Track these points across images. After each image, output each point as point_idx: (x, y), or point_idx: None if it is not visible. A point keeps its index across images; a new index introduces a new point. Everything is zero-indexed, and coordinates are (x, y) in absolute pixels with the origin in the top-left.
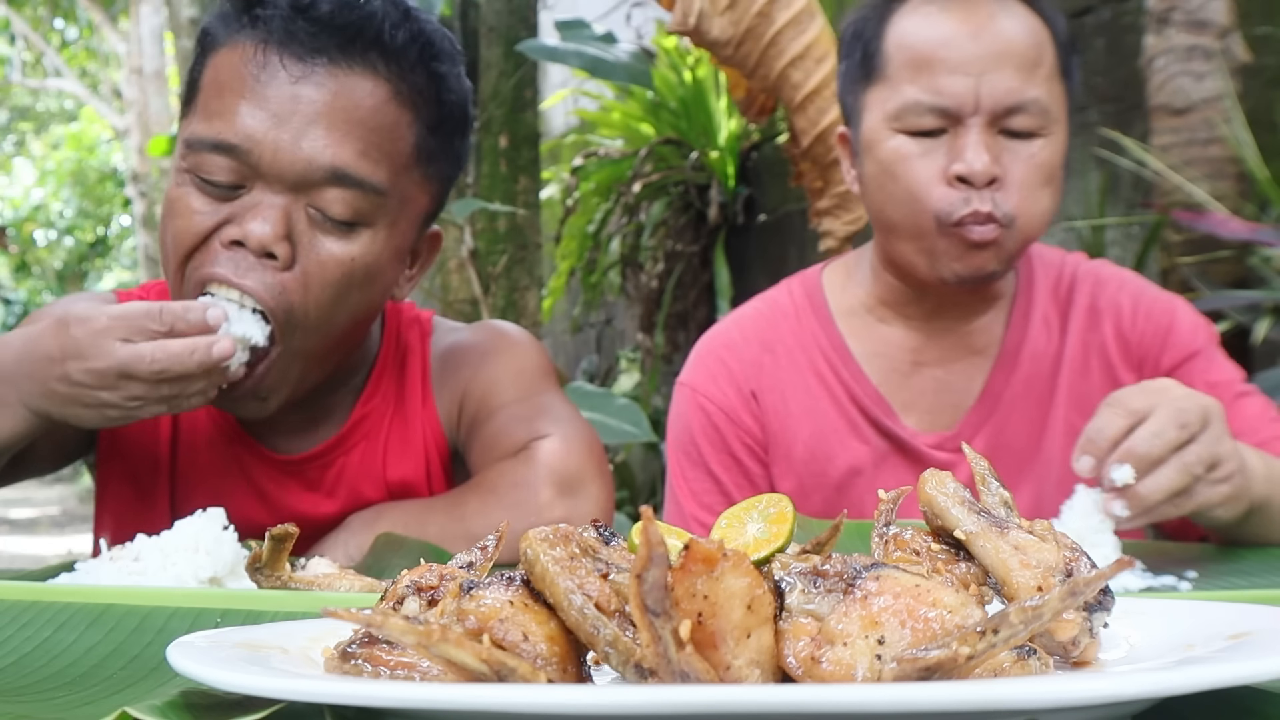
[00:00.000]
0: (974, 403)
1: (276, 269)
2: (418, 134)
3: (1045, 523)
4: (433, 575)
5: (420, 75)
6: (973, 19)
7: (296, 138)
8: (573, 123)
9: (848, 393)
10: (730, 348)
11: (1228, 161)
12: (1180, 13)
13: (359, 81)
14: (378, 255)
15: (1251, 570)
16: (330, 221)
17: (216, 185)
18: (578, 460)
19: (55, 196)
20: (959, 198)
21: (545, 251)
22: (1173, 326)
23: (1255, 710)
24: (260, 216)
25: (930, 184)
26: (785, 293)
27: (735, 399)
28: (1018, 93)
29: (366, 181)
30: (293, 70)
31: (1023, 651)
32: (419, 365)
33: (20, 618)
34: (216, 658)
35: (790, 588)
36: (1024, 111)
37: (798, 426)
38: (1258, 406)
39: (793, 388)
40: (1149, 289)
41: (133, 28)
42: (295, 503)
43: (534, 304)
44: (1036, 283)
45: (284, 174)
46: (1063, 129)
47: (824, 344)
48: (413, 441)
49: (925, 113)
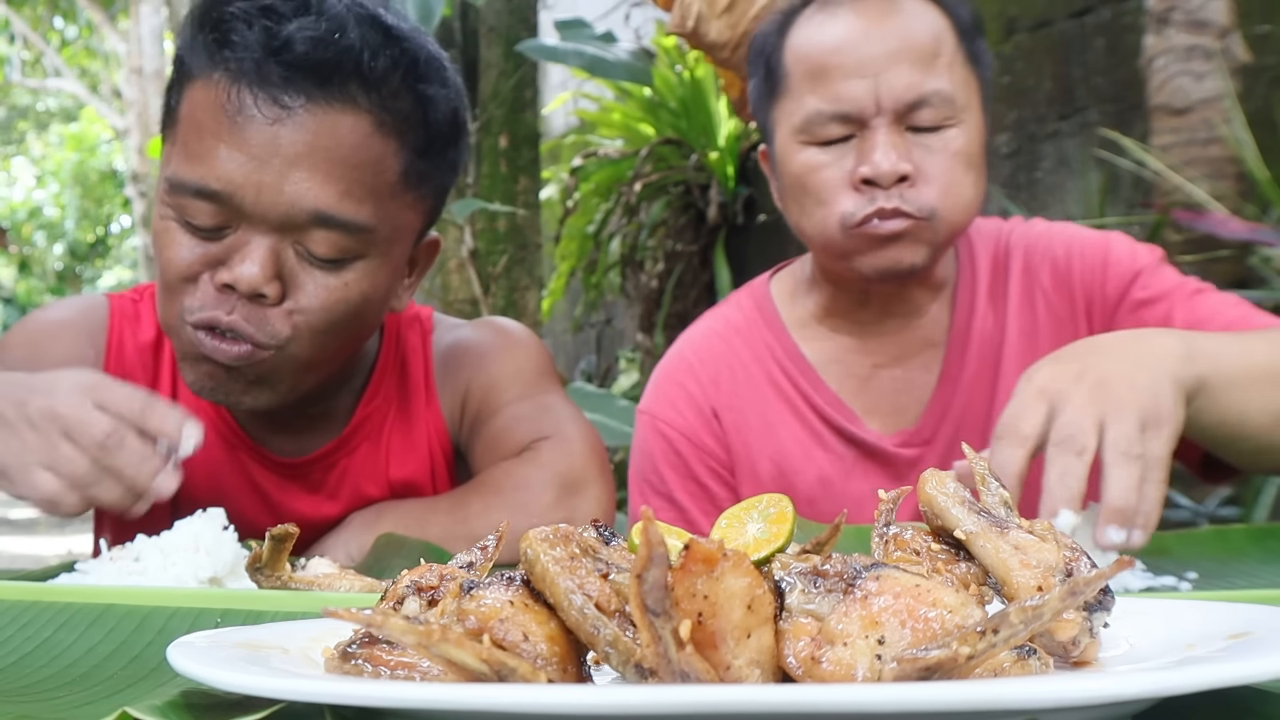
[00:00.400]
0: (932, 394)
1: (267, 305)
2: (405, 161)
3: (1045, 523)
4: (433, 575)
5: (405, 100)
6: (864, 20)
7: (278, 181)
8: (573, 123)
9: (808, 403)
10: (687, 370)
11: (1228, 161)
12: (1180, 13)
13: (339, 118)
14: (371, 283)
15: (1252, 570)
16: (317, 259)
17: (201, 228)
18: (581, 461)
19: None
20: (864, 199)
21: (545, 251)
22: (1108, 258)
23: (1255, 710)
24: (249, 259)
25: (838, 191)
26: (735, 307)
27: (696, 421)
28: (918, 86)
29: (351, 222)
30: (268, 112)
31: (1023, 651)
32: (421, 364)
33: (21, 618)
34: (217, 658)
35: (790, 588)
36: (927, 104)
37: (761, 443)
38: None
39: (752, 404)
40: (1081, 233)
41: (132, 27)
42: (297, 505)
43: (534, 304)
44: (978, 261)
45: (267, 216)
46: (975, 115)
47: (780, 355)
48: (416, 441)
49: (828, 121)
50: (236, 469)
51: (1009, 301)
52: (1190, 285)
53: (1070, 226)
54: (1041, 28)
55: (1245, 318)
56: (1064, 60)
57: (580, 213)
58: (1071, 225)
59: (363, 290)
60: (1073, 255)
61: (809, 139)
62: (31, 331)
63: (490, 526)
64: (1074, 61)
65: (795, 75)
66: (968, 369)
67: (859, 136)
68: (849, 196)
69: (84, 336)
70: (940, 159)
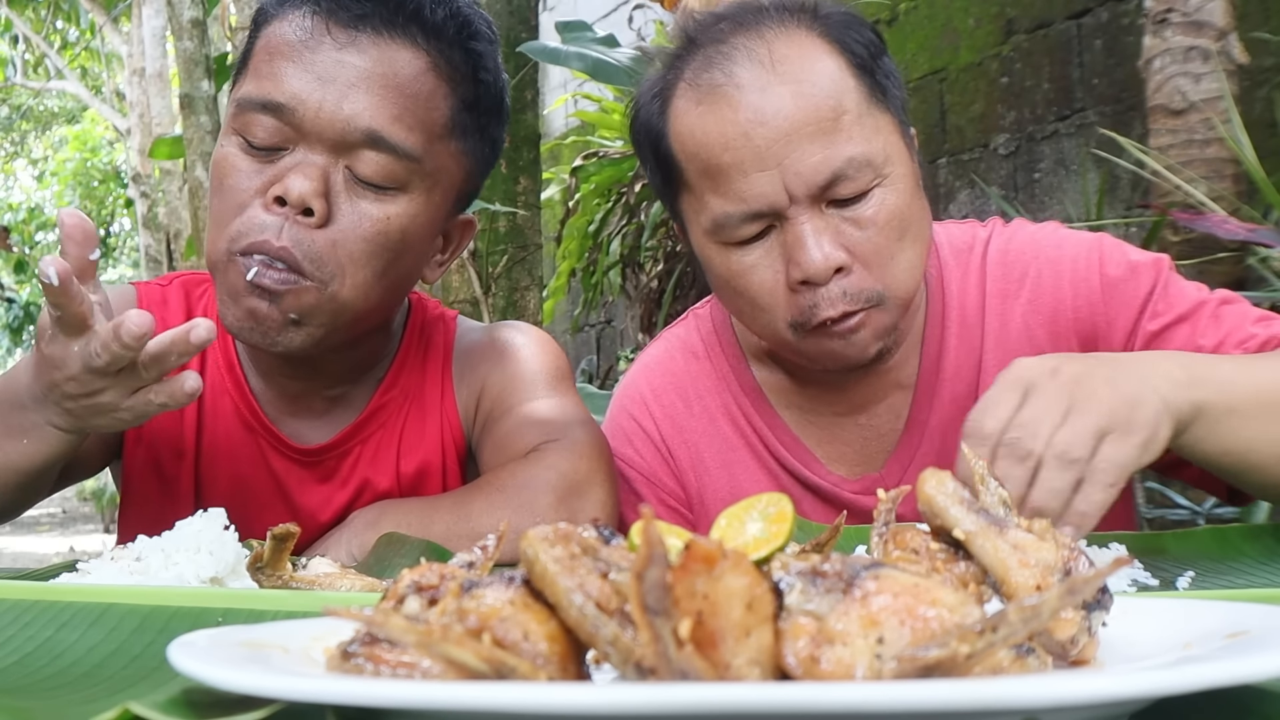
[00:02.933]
0: (899, 441)
1: (312, 226)
2: (453, 107)
3: (1044, 522)
4: (433, 575)
5: (458, 52)
6: (748, 99)
7: (339, 99)
8: (573, 123)
9: (764, 444)
10: (641, 403)
11: (1226, 162)
12: (1178, 14)
13: (399, 51)
14: (411, 221)
15: (1250, 570)
16: (365, 184)
17: (260, 148)
18: (586, 465)
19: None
20: (806, 304)
21: (546, 252)
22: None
23: (1253, 709)
24: (301, 174)
25: (775, 295)
26: (693, 330)
27: (652, 458)
28: (827, 164)
29: (400, 146)
30: (338, 37)
31: (1021, 650)
32: (440, 359)
33: (22, 617)
34: (218, 657)
35: (790, 587)
36: (844, 177)
37: (717, 482)
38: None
39: (707, 439)
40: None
41: (134, 29)
42: (310, 495)
43: (534, 304)
44: (948, 289)
45: (324, 134)
46: (902, 162)
47: (735, 389)
48: (429, 434)
49: (740, 224)
50: (255, 455)
51: (985, 332)
52: (1212, 300)
53: (1058, 234)
54: (1040, 29)
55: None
56: (1062, 61)
57: (580, 213)
58: (1059, 232)
59: (403, 225)
60: (1062, 286)
61: (723, 240)
62: None
63: (493, 525)
64: (1072, 62)
65: (692, 173)
66: (937, 412)
67: (779, 228)
68: (788, 300)
69: None
70: (873, 234)
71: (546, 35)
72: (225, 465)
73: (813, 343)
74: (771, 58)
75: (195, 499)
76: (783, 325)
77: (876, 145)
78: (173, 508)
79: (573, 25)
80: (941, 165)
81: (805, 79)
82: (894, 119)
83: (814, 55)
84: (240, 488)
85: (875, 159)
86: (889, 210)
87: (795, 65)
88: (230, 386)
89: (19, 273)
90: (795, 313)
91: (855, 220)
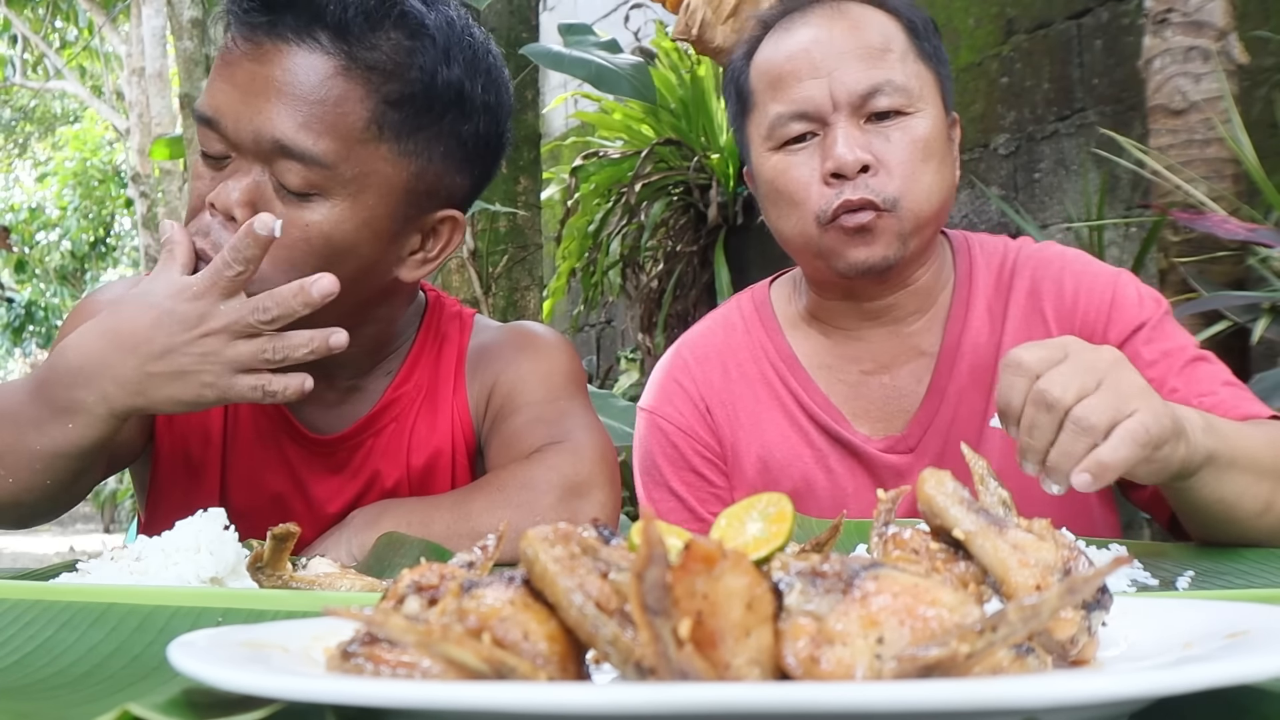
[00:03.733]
0: (920, 403)
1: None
2: (373, 108)
3: (1044, 522)
4: (433, 574)
5: (379, 50)
6: (816, 29)
7: (251, 112)
8: (573, 123)
9: (797, 401)
10: (683, 368)
11: (1226, 162)
12: (1178, 14)
13: (304, 57)
14: (335, 226)
15: (1250, 570)
16: (287, 191)
17: (210, 156)
18: (588, 467)
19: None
20: (832, 193)
21: (546, 252)
22: (1115, 300)
23: (1253, 709)
24: (231, 183)
25: (808, 188)
26: (734, 308)
27: (691, 415)
28: (869, 77)
29: (308, 153)
30: (243, 48)
31: (1021, 650)
32: (454, 355)
33: (22, 617)
34: (218, 656)
35: (789, 588)
36: (881, 93)
37: (750, 439)
38: (1209, 370)
39: (743, 400)
40: (1092, 265)
41: (133, 29)
42: (320, 486)
43: (534, 304)
44: (976, 275)
45: (243, 144)
46: (934, 108)
47: (773, 355)
48: (440, 429)
49: (789, 122)
50: (272, 442)
51: (1008, 319)
52: (1189, 351)
53: (1081, 257)
54: (1040, 29)
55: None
56: (1062, 61)
57: (580, 213)
58: (1083, 256)
59: (324, 232)
60: (1080, 291)
61: (774, 144)
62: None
63: (493, 525)
64: (1072, 62)
65: (759, 90)
66: (956, 381)
67: (821, 135)
68: (819, 192)
69: None
70: (899, 148)
71: (547, 34)
72: (246, 453)
73: (832, 238)
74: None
75: (221, 486)
76: (810, 219)
77: (914, 84)
78: (199, 494)
79: (575, 28)
80: None
81: (865, 23)
82: (935, 79)
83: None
84: (258, 476)
85: (911, 90)
86: (916, 134)
87: (858, 13)
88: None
89: (19, 272)
90: (823, 203)
91: (886, 135)
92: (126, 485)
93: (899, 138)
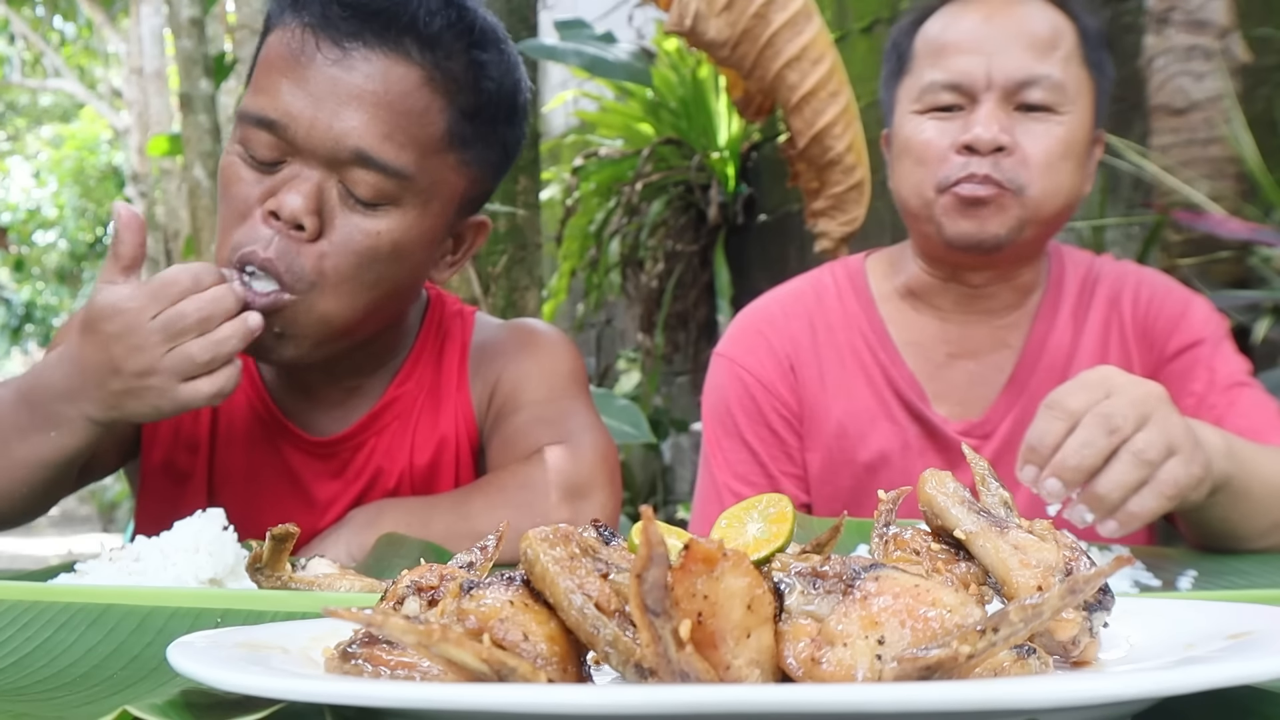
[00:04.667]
0: (1000, 393)
1: (303, 240)
2: (450, 119)
3: (1045, 522)
4: (433, 575)
5: (457, 62)
6: (990, 9)
7: (329, 118)
8: (573, 123)
9: (884, 376)
10: (770, 322)
11: (1227, 162)
12: (1180, 13)
13: (392, 67)
14: (404, 234)
15: (1251, 570)
16: (357, 199)
17: (259, 160)
18: (589, 467)
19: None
20: (960, 163)
21: (546, 251)
22: (1185, 314)
23: (1255, 710)
24: (295, 190)
25: (941, 154)
26: (828, 274)
27: (773, 370)
28: (1028, 68)
29: (389, 165)
30: (328, 53)
31: (1023, 651)
32: (457, 352)
33: (21, 618)
34: (217, 657)
35: (790, 589)
36: (1036, 85)
37: (832, 403)
38: (1253, 397)
39: (830, 365)
40: (1172, 284)
41: (132, 27)
42: (322, 489)
43: (534, 304)
44: (1065, 281)
45: (316, 150)
46: (1085, 113)
47: (864, 327)
48: (443, 427)
49: (941, 90)
50: (269, 447)
51: (1088, 324)
52: (1237, 375)
53: (1163, 276)
54: None
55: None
56: None
57: (581, 212)
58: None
59: (394, 240)
60: (1155, 299)
61: (922, 108)
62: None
63: (493, 525)
64: None
65: (920, 55)
66: (1037, 376)
67: (968, 109)
68: (948, 160)
69: None
70: (1040, 141)
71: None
72: (239, 459)
73: (947, 202)
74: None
75: (209, 493)
76: (930, 184)
77: (1072, 86)
78: (186, 502)
79: (571, 23)
80: None
81: (1039, 14)
82: (1095, 88)
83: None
84: (253, 481)
85: (1067, 90)
86: (1060, 134)
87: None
88: (244, 381)
89: (17, 272)
90: (948, 169)
91: (1030, 126)
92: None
93: (1041, 131)
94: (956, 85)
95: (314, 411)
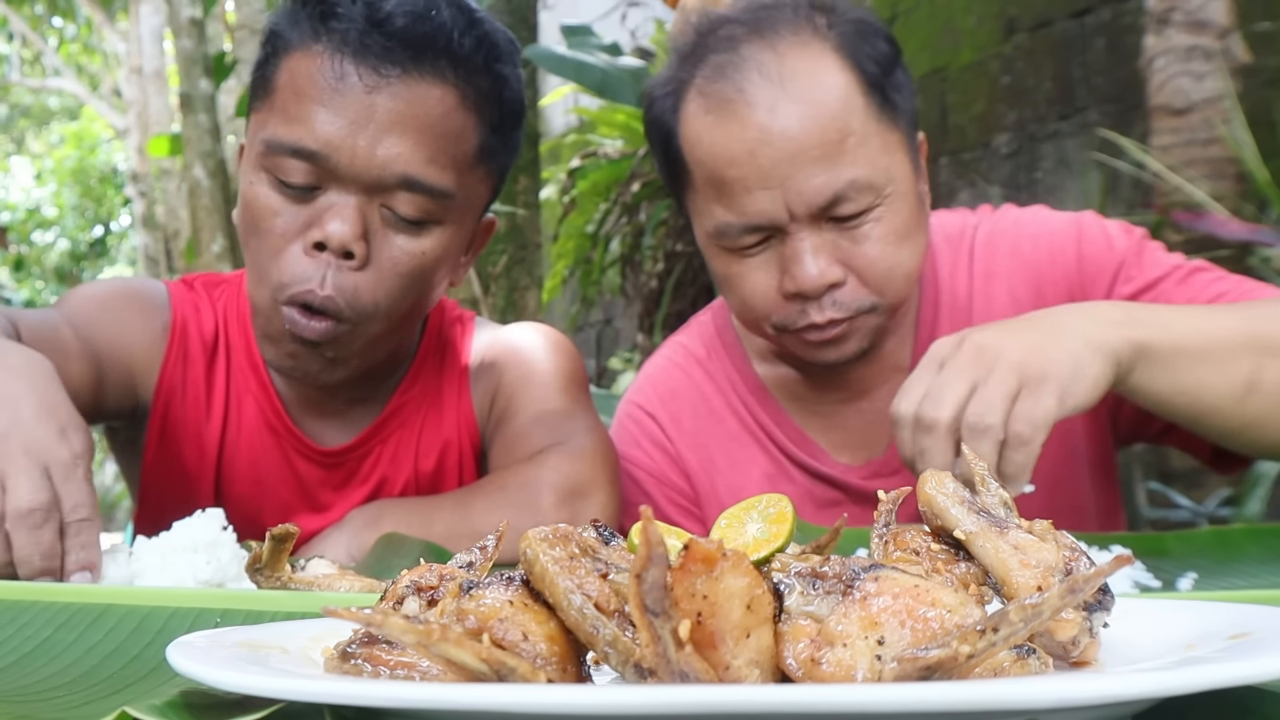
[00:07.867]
0: None
1: (353, 269)
2: (481, 135)
3: (1045, 523)
4: (432, 575)
5: (484, 78)
6: (756, 117)
7: (371, 145)
8: (572, 122)
9: (770, 437)
10: (649, 409)
11: (1227, 162)
12: (1180, 13)
13: (430, 90)
14: (445, 250)
15: (1252, 570)
16: (401, 220)
17: (293, 187)
18: (589, 469)
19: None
20: (795, 310)
21: (545, 251)
22: (1082, 253)
23: (1256, 710)
24: (338, 218)
25: (766, 300)
26: (695, 335)
27: (662, 461)
28: (829, 184)
29: (435, 187)
30: (368, 80)
31: (1022, 651)
32: (458, 358)
33: (20, 618)
34: (216, 657)
35: (789, 589)
36: (844, 199)
37: (727, 479)
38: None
39: (717, 439)
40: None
41: (132, 27)
42: (330, 498)
43: (534, 304)
44: (940, 276)
45: (359, 178)
46: (905, 178)
47: (741, 388)
48: (447, 432)
49: (740, 234)
50: (278, 456)
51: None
52: (1181, 269)
53: (1040, 214)
54: (1041, 28)
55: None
56: (1064, 60)
57: (579, 212)
58: (1042, 212)
59: (437, 256)
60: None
61: (724, 246)
62: (100, 294)
63: (493, 525)
64: (1074, 62)
65: (696, 177)
66: None
67: (778, 239)
68: (779, 306)
69: (153, 309)
70: (871, 248)
71: (545, 33)
72: (246, 466)
73: (793, 341)
74: (781, 74)
75: (215, 499)
76: (767, 325)
77: (880, 166)
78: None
79: (577, 30)
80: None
81: (814, 98)
82: (901, 134)
83: (825, 72)
84: (261, 489)
85: (878, 181)
86: (887, 228)
87: (805, 83)
88: (255, 387)
89: (17, 271)
90: (782, 318)
91: (854, 237)
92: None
93: (868, 234)
94: (757, 227)
95: (322, 421)
